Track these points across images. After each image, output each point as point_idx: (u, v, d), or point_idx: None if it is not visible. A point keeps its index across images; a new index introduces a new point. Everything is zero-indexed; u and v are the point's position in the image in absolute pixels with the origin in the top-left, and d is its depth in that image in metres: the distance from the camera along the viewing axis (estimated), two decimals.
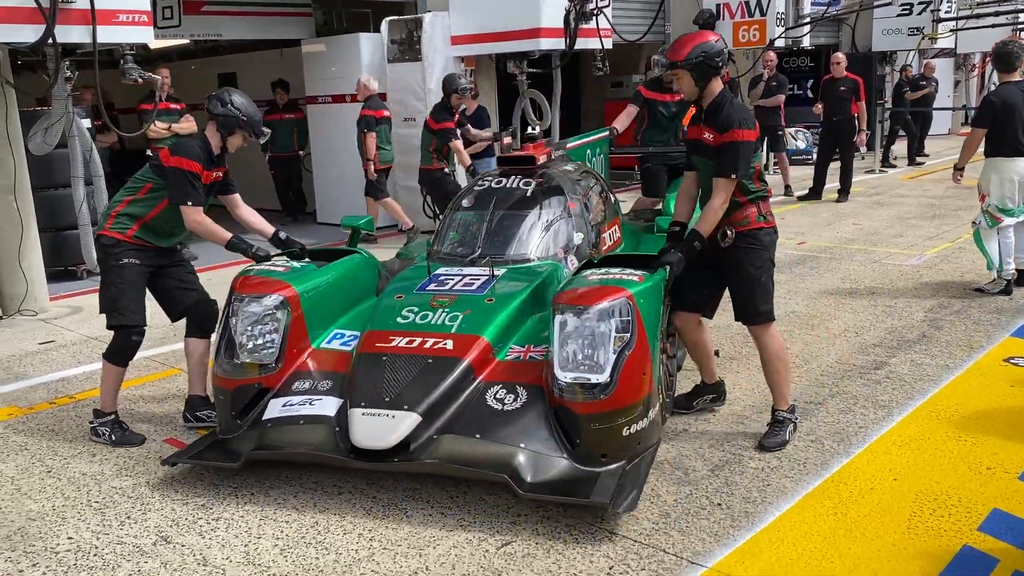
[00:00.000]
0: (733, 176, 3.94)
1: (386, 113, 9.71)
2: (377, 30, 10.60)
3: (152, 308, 4.57)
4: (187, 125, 8.88)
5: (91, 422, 4.53)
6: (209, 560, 3.34)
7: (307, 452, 3.84)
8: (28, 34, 6.22)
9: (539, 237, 4.92)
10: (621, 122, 7.19)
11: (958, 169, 6.79)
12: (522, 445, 3.61)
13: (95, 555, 3.41)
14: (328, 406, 3.92)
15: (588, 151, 6.79)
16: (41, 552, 3.45)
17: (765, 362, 4.20)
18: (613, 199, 5.99)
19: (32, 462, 4.31)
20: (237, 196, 4.72)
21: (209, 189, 4.50)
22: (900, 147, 16.14)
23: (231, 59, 13.15)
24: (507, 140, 6.43)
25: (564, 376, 3.63)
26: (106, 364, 4.50)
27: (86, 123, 7.66)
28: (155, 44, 9.14)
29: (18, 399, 5.25)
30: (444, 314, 4.18)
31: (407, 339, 4.04)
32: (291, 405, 3.99)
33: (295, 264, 4.50)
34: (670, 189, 6.74)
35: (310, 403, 3.97)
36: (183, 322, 4.69)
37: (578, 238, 5.02)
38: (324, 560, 3.31)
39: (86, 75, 6.92)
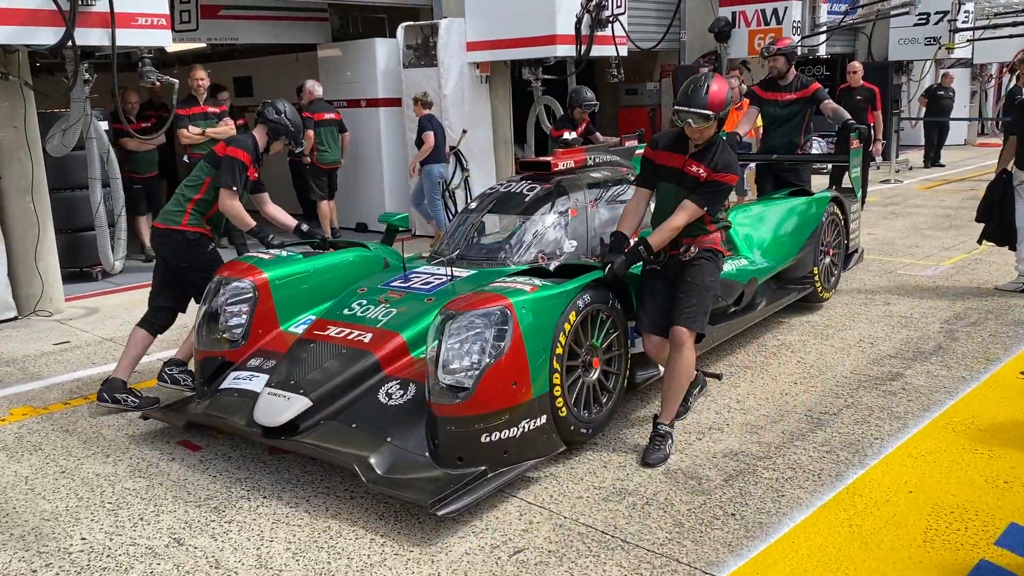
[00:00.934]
0: (705, 209, 4.14)
1: (327, 116, 9.82)
2: (393, 35, 10.64)
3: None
4: (225, 128, 8.77)
5: (100, 389, 4.85)
6: (221, 563, 3.34)
7: (227, 422, 4.11)
8: (48, 36, 6.31)
9: (521, 242, 4.93)
10: (743, 127, 6.98)
11: None
12: (389, 439, 3.73)
13: (108, 556, 3.42)
14: (260, 383, 4.13)
15: None
16: (54, 552, 3.46)
17: (672, 371, 4.20)
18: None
19: (46, 462, 4.34)
20: (266, 195, 5.20)
21: (248, 185, 4.90)
22: (916, 156, 16.10)
23: (247, 63, 13.20)
24: (629, 144, 6.50)
25: (437, 378, 3.70)
26: (138, 329, 4.90)
27: (103, 125, 7.71)
28: (172, 48, 9.19)
29: (33, 399, 5.29)
30: (382, 309, 4.35)
31: (339, 329, 4.27)
32: (238, 379, 4.27)
33: (282, 253, 4.84)
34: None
35: (250, 379, 4.23)
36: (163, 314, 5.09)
37: (569, 245, 4.99)
38: (336, 565, 3.31)
39: (126, 78, 6.96)
